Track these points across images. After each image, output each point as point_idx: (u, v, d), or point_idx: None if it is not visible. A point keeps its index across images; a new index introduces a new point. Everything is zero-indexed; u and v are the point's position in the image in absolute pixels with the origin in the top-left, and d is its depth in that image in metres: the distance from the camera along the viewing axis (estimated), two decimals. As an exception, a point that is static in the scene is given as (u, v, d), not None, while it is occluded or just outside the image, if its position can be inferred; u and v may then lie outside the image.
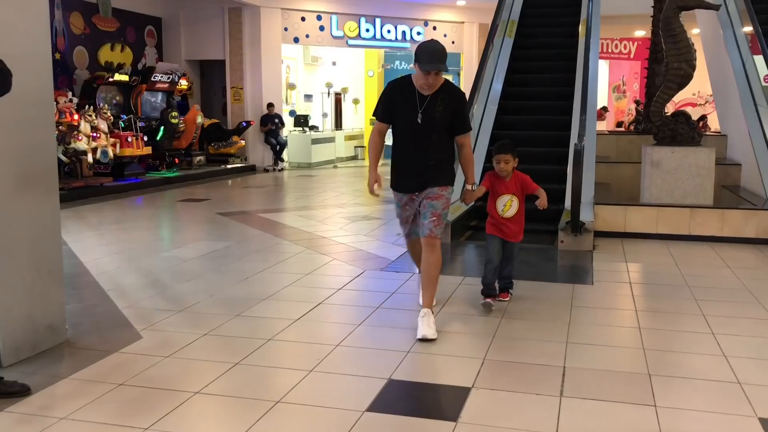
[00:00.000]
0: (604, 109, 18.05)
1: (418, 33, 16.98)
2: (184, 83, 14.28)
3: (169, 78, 13.59)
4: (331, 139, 17.56)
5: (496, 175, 4.56)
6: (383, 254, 6.40)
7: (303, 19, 15.78)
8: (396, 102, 4.06)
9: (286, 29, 15.68)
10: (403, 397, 3.24)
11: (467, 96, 9.57)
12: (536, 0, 12.00)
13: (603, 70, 18.96)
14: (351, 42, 16.49)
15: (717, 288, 5.26)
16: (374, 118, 4.18)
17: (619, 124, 18.90)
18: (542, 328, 4.21)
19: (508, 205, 4.56)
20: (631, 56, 19.55)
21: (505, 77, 10.00)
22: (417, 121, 3.96)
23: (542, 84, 10.10)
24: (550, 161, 8.39)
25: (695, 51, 7.67)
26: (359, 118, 19.82)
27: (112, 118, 11.77)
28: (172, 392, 3.20)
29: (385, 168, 4.19)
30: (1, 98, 3.05)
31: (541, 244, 6.80)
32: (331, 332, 4.10)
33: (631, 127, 14.77)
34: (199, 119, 13.99)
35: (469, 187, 4.27)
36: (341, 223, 8.29)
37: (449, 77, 21.39)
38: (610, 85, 20.58)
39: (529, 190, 4.59)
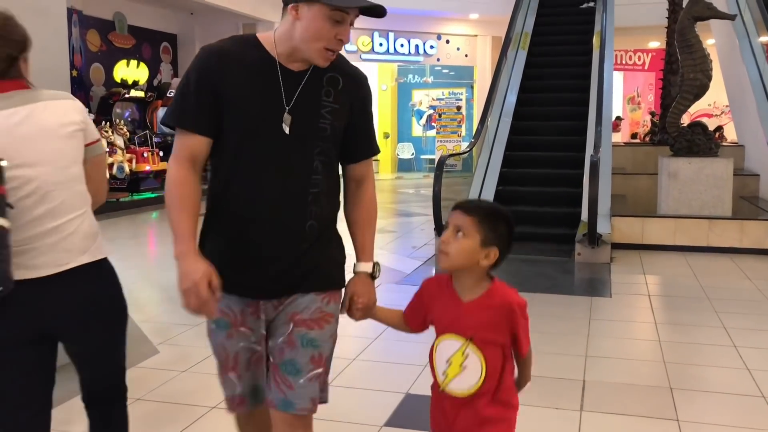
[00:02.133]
0: (618, 118, 17.98)
1: (432, 47, 17.05)
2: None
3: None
4: (345, 153, 17.57)
5: (447, 281, 1.83)
6: (399, 267, 6.37)
7: (317, 34, 15.88)
8: (228, 87, 1.76)
9: (300, 44, 15.79)
10: (420, 411, 3.21)
11: (481, 109, 9.65)
12: (550, 10, 12.03)
13: (617, 81, 18.90)
14: (364, 56, 16.57)
15: (738, 300, 5.19)
16: (184, 129, 1.79)
17: (634, 136, 18.81)
18: (561, 342, 4.16)
19: (456, 365, 1.77)
20: (646, 67, 19.48)
21: (519, 88, 9.99)
22: (282, 128, 1.76)
23: (556, 96, 10.07)
24: (566, 168, 8.35)
25: (711, 61, 7.62)
26: (373, 132, 19.87)
27: (128, 133, 11.88)
28: (189, 407, 3.19)
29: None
30: None
31: (558, 256, 6.76)
32: (347, 346, 4.08)
33: (647, 139, 14.70)
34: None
35: (365, 268, 1.96)
36: (356, 236, 8.27)
37: (461, 91, 21.28)
38: (624, 97, 20.50)
39: (520, 345, 1.82)
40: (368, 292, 1.93)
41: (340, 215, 2.01)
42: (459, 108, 17.37)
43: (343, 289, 1.94)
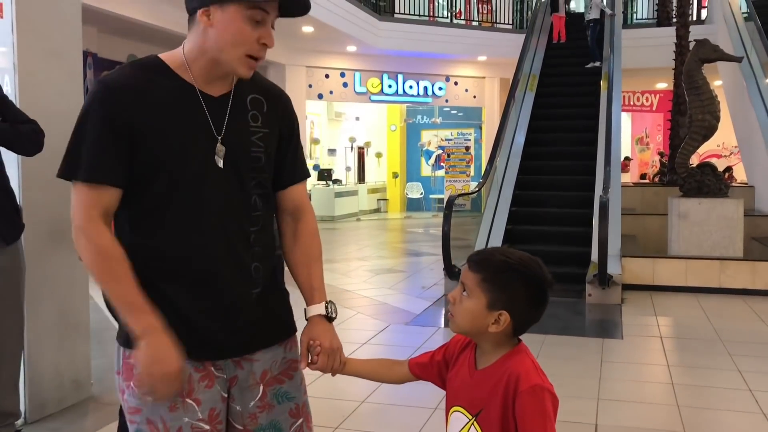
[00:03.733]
0: (627, 158, 18.02)
1: (440, 88, 17.21)
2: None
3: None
4: (354, 193, 17.68)
5: (472, 342, 1.59)
6: (408, 308, 6.34)
7: (327, 76, 16.09)
8: (142, 126, 1.49)
9: (310, 86, 15.98)
10: (430, 455, 3.17)
11: (490, 149, 9.71)
12: (557, 52, 12.17)
13: (626, 122, 18.99)
14: (374, 97, 16.74)
15: (752, 342, 5.12)
16: (96, 182, 1.48)
17: (643, 176, 18.83)
18: (572, 384, 4.10)
19: None
20: (654, 108, 19.59)
21: (528, 128, 10.06)
22: (214, 162, 1.54)
23: (564, 135, 10.13)
24: (574, 210, 8.35)
25: (719, 103, 7.67)
26: (382, 172, 19.99)
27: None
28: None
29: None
30: (34, 156, 3.13)
31: (569, 297, 6.71)
32: (356, 388, 4.04)
33: (656, 179, 14.72)
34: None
35: (317, 310, 1.68)
36: (365, 276, 8.26)
37: (470, 131, 21.54)
38: (633, 137, 20.58)
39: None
40: (328, 335, 1.66)
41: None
42: (467, 148, 17.47)
43: (298, 333, 1.70)
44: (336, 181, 17.16)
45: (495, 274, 1.46)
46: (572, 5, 14.05)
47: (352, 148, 18.84)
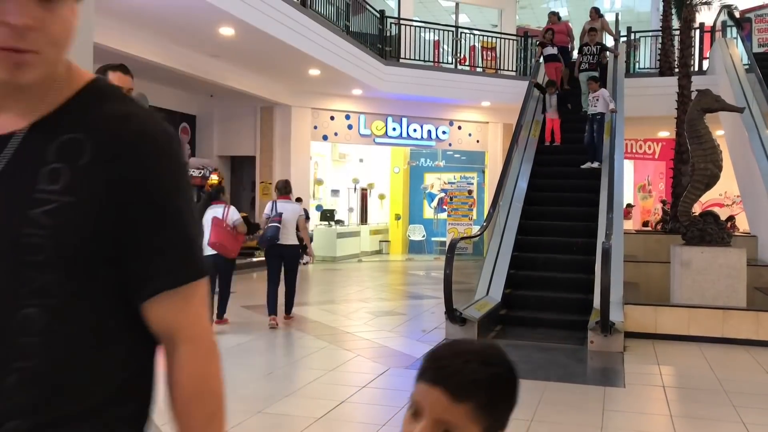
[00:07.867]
0: (629, 206, 18.03)
1: (444, 132, 17.35)
2: (215, 178, 14.65)
3: (200, 173, 13.96)
4: (356, 234, 17.68)
5: None
6: (408, 351, 6.28)
7: (332, 118, 16.25)
8: None
9: (315, 127, 16.12)
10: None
11: (492, 193, 9.73)
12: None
13: (628, 170, 19.07)
14: (378, 140, 16.87)
15: (756, 394, 5.05)
16: None
17: (645, 224, 18.83)
18: (573, 433, 4.04)
19: None
20: (656, 156, 19.69)
21: (530, 174, 10.11)
22: None
23: (567, 182, 10.17)
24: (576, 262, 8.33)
25: (721, 152, 7.71)
26: (384, 213, 20.03)
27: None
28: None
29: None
30: None
31: (571, 344, 6.65)
32: (354, 432, 3.99)
33: (659, 227, 14.71)
34: (228, 213, 14.25)
35: None
36: (365, 318, 8.21)
37: (473, 175, 21.63)
38: (635, 185, 20.64)
39: None
40: None
41: None
42: (470, 192, 17.53)
43: None
44: (338, 222, 17.18)
45: (489, 396, 0.99)
46: (574, 55, 13.93)
47: (355, 189, 18.91)
